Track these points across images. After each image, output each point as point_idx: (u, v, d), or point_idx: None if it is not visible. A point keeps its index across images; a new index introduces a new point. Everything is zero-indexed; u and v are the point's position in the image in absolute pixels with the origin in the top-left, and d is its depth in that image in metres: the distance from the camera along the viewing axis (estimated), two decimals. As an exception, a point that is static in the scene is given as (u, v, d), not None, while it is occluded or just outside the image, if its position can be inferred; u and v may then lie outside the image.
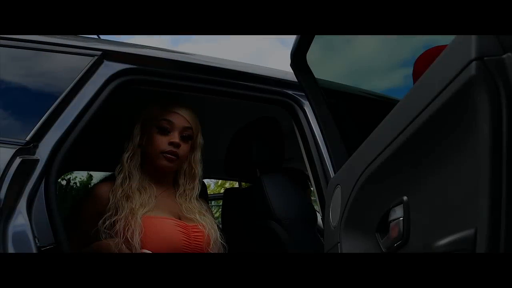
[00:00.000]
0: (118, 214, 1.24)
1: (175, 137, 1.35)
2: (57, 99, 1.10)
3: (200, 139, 1.45)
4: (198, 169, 1.44)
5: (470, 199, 0.59)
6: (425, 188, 0.73)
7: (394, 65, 1.56)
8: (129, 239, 1.21)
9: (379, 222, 0.90)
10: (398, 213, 0.81)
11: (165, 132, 1.36)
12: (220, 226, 1.47)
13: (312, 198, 2.25)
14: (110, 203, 1.27)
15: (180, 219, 1.35)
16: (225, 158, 1.76)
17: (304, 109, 1.54)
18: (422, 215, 0.75)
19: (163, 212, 1.33)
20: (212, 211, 1.53)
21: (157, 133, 1.36)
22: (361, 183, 0.91)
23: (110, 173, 2.05)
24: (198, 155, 1.45)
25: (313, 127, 1.50)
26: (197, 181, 1.44)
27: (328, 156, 1.42)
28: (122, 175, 1.32)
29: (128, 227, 1.21)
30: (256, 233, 1.57)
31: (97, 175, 2.22)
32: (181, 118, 1.39)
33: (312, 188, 2.59)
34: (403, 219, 0.79)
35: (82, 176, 3.00)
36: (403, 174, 0.79)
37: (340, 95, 1.70)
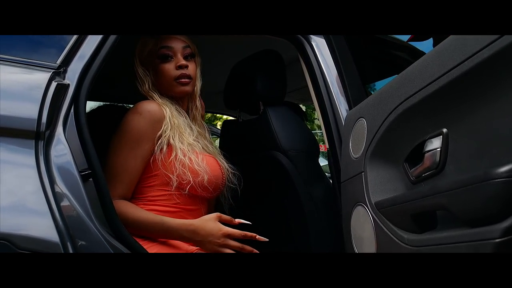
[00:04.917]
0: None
1: (180, 60, 1.34)
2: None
3: (198, 58, 1.45)
4: (198, 86, 1.45)
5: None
6: (470, 121, 0.79)
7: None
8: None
9: (410, 153, 0.97)
10: (435, 144, 0.87)
11: (168, 58, 1.34)
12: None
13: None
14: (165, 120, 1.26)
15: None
16: (225, 90, 1.75)
17: (311, 43, 1.54)
18: (463, 146, 0.81)
19: (199, 148, 1.34)
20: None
21: (160, 63, 1.34)
22: (395, 115, 0.96)
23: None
24: (198, 72, 1.45)
25: (320, 62, 1.51)
26: (197, 98, 1.46)
27: (336, 90, 1.46)
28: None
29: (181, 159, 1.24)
30: (261, 164, 1.62)
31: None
32: (177, 39, 1.37)
33: (306, 122, 2.66)
34: (440, 150, 0.86)
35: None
36: (446, 107, 0.83)
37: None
